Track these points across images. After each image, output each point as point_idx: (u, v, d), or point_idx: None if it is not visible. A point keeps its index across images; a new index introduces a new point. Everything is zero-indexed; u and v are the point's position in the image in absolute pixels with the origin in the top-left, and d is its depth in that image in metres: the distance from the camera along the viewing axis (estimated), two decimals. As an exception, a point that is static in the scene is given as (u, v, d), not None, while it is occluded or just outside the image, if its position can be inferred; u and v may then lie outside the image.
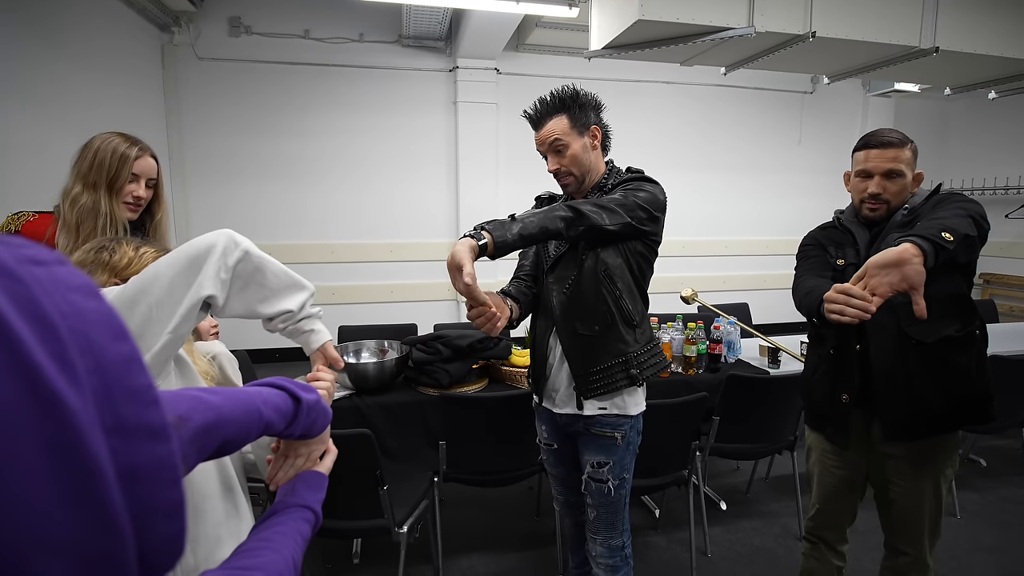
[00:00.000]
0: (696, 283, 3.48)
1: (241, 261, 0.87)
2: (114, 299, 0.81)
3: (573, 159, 1.50)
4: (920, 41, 3.03)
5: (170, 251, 1.04)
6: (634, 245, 1.50)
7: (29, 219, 1.46)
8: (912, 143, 1.45)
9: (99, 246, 0.99)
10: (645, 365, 1.52)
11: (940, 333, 1.37)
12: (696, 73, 4.10)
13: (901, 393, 1.42)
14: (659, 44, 2.91)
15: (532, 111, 1.54)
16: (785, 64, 3.39)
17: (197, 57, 4.46)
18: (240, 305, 0.89)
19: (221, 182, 4.63)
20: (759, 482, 2.91)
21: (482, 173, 4.94)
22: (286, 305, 0.92)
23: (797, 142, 5.78)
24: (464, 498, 2.70)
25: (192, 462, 0.57)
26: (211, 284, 0.84)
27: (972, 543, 2.41)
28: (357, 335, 2.79)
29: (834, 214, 1.64)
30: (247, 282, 0.88)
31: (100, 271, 0.95)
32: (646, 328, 1.56)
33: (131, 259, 0.97)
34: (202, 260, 0.84)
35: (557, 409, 1.58)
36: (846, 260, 1.53)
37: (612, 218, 1.40)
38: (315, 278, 4.86)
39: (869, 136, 1.47)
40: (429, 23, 4.42)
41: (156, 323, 0.81)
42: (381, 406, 2.17)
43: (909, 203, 1.46)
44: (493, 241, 1.27)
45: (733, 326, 2.67)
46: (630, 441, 1.55)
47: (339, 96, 4.76)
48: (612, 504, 1.57)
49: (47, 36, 3.00)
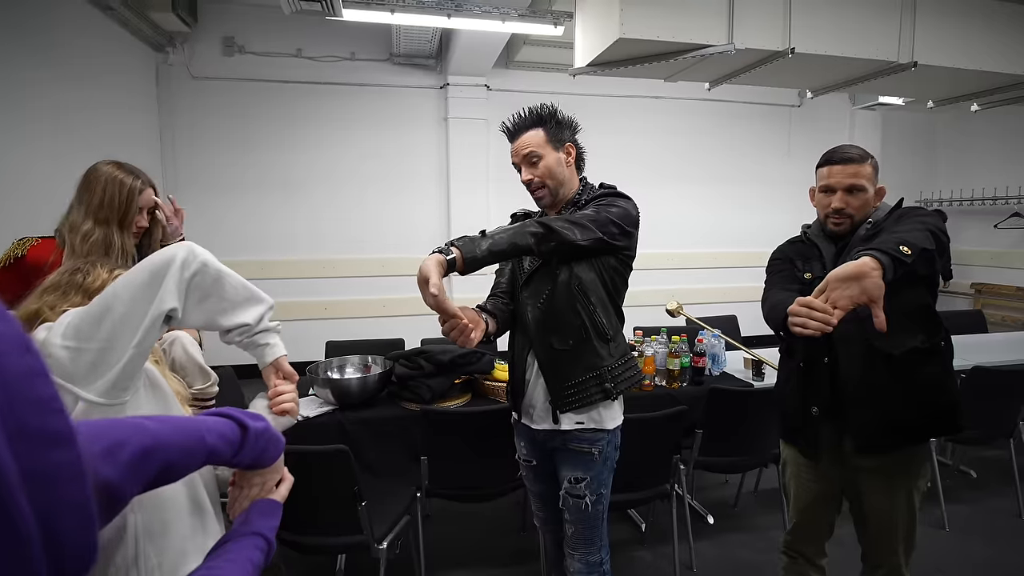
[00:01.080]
0: (685, 296, 3.49)
1: (199, 273, 0.89)
2: (81, 316, 0.83)
3: (547, 171, 1.53)
4: (898, 56, 3.08)
5: None
6: (607, 260, 1.51)
7: (33, 244, 1.50)
8: (872, 159, 1.48)
9: (74, 268, 1.00)
10: (619, 379, 1.53)
11: (907, 345, 1.39)
12: (682, 88, 4.15)
13: (870, 405, 1.43)
14: (642, 61, 2.96)
15: (510, 123, 1.58)
16: (767, 79, 3.45)
17: (191, 76, 4.52)
18: (199, 317, 0.90)
19: (214, 198, 4.67)
20: (747, 495, 2.90)
21: (473, 188, 4.98)
22: (243, 318, 0.94)
23: (786, 155, 5.83)
24: (449, 514, 2.69)
25: (130, 486, 0.58)
26: (172, 298, 0.86)
27: (960, 556, 2.40)
28: (344, 350, 2.80)
29: (801, 228, 1.66)
30: (206, 294, 0.90)
31: (74, 292, 0.97)
32: (621, 342, 1.57)
33: (104, 281, 0.98)
34: (162, 274, 0.86)
35: (535, 425, 1.58)
36: (813, 274, 1.55)
37: (584, 233, 1.41)
38: (307, 293, 4.85)
39: (831, 152, 1.51)
40: (419, 42, 4.49)
41: (121, 338, 0.83)
42: (364, 421, 2.17)
43: (873, 217, 1.48)
44: (462, 256, 1.28)
45: (717, 339, 2.68)
46: (607, 456, 1.55)
47: (331, 113, 4.82)
48: (590, 519, 1.56)
49: (42, 56, 3.05)
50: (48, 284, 0.97)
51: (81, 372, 0.82)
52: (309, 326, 4.55)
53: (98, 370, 0.82)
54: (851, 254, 1.38)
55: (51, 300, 0.94)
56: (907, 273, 1.18)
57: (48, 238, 1.51)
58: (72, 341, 0.82)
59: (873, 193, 1.48)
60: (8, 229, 1.57)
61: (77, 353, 0.82)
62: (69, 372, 0.82)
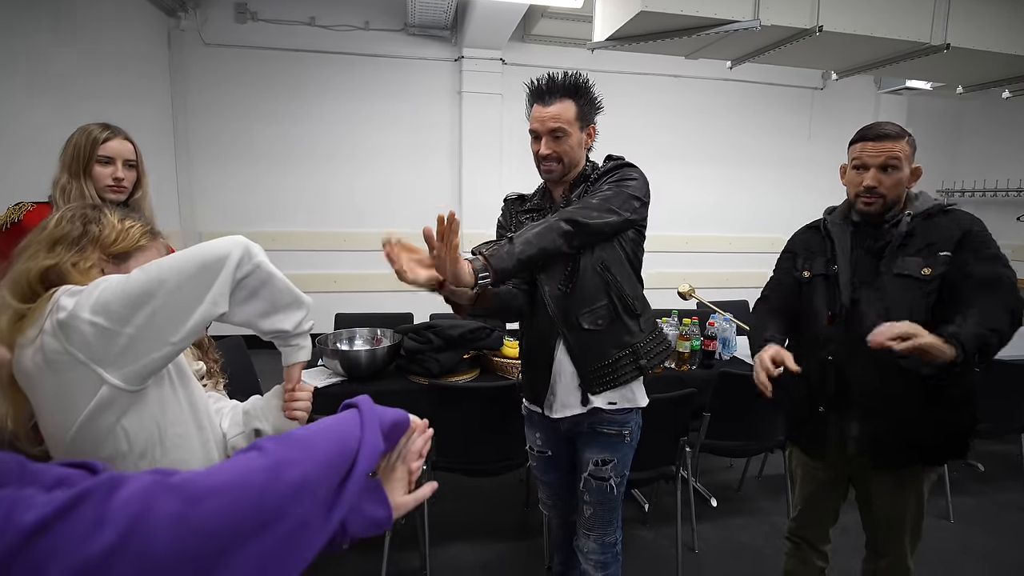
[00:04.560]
0: (697, 279, 3.45)
1: (251, 275, 0.84)
2: (116, 294, 0.78)
3: (568, 150, 1.46)
4: (931, 37, 2.97)
5: (153, 228, 1.02)
6: (625, 234, 1.48)
7: (29, 209, 1.49)
8: (910, 136, 1.41)
9: (84, 217, 0.93)
10: (652, 354, 1.50)
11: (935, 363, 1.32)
12: (702, 66, 4.04)
13: (885, 417, 1.39)
14: (663, 36, 2.88)
15: (542, 84, 1.46)
16: (792, 59, 3.34)
17: (203, 43, 4.47)
18: (239, 317, 0.87)
19: (225, 166, 4.65)
20: (751, 480, 2.91)
21: (486, 163, 4.93)
22: (282, 324, 0.91)
23: (806, 139, 5.70)
24: (454, 488, 2.71)
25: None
26: (224, 301, 0.81)
27: (964, 547, 2.39)
28: (353, 323, 2.80)
29: (823, 214, 1.60)
30: (251, 295, 0.86)
31: (92, 247, 0.91)
32: (649, 315, 1.54)
33: (119, 232, 0.93)
34: (215, 270, 0.81)
35: (559, 414, 1.52)
36: (812, 271, 1.51)
37: (611, 218, 1.38)
38: (316, 265, 4.87)
39: (866, 128, 1.43)
40: (435, 12, 4.39)
41: (159, 329, 0.79)
42: (372, 393, 2.16)
43: (913, 208, 1.42)
44: (495, 272, 1.25)
45: (728, 323, 2.65)
46: (634, 437, 1.54)
47: (344, 84, 4.75)
48: (611, 502, 1.55)
49: (55, 21, 3.01)
50: (57, 235, 0.90)
51: (109, 356, 0.78)
52: (318, 298, 4.53)
53: (127, 357, 0.79)
54: (898, 264, 1.36)
55: (71, 257, 0.88)
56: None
57: (44, 203, 1.51)
58: (102, 319, 0.77)
59: (908, 173, 1.40)
60: (16, 194, 1.56)
61: (107, 335, 0.77)
62: (95, 352, 0.78)
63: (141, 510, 0.44)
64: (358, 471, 0.60)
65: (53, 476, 0.54)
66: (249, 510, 0.50)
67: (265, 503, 0.51)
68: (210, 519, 0.47)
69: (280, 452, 0.55)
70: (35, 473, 0.53)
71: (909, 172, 1.41)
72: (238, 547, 0.48)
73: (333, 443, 0.60)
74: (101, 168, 1.48)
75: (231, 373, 1.41)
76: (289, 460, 0.54)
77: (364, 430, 0.63)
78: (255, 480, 0.51)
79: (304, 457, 0.56)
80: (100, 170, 1.48)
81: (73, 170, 1.46)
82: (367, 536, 0.66)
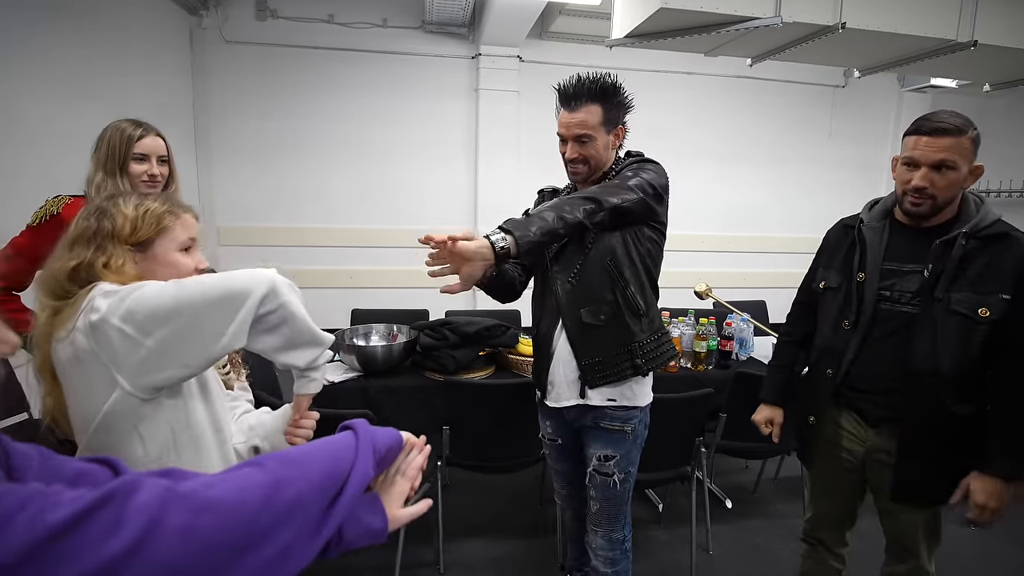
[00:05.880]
0: (714, 279, 3.42)
1: (274, 312, 0.86)
2: (145, 305, 0.80)
3: (594, 153, 1.47)
4: (957, 34, 2.90)
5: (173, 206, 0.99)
6: (642, 230, 1.47)
7: (67, 202, 1.53)
8: (974, 130, 1.27)
9: (97, 213, 0.93)
10: (651, 355, 1.50)
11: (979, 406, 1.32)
12: (719, 64, 4.01)
13: (921, 458, 1.35)
14: (682, 33, 2.85)
15: (569, 87, 1.45)
16: (814, 56, 3.29)
17: (224, 40, 4.52)
18: (256, 346, 0.88)
19: (243, 163, 4.71)
20: (767, 482, 2.88)
21: (502, 161, 4.93)
22: (295, 361, 0.92)
23: (826, 137, 5.61)
24: (468, 484, 2.73)
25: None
26: (242, 338, 0.83)
27: (985, 553, 2.35)
28: (369, 318, 2.82)
29: (864, 208, 1.50)
30: (270, 330, 0.87)
31: (110, 243, 0.91)
32: (654, 317, 1.54)
33: (133, 221, 0.93)
34: (238, 303, 0.82)
35: (559, 403, 1.55)
36: (827, 283, 1.47)
37: (627, 195, 1.38)
38: (333, 261, 4.89)
39: (922, 120, 1.29)
40: (452, 9, 4.40)
41: (176, 349, 0.81)
42: (388, 389, 2.20)
43: (968, 219, 1.29)
44: (516, 242, 1.22)
45: (746, 323, 2.63)
46: (638, 435, 1.54)
47: (361, 81, 4.78)
48: (616, 497, 1.56)
49: (80, 19, 3.07)
50: (74, 234, 0.91)
51: (129, 364, 0.80)
52: (334, 294, 4.60)
53: (143, 368, 0.81)
54: (954, 298, 1.26)
55: (92, 255, 0.89)
56: None
57: (79, 196, 1.54)
58: (130, 327, 0.79)
59: (966, 172, 1.26)
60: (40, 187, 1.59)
61: (131, 343, 0.80)
62: (117, 357, 0.80)
63: (155, 517, 0.45)
64: (346, 496, 0.62)
65: (73, 469, 0.56)
66: (246, 526, 0.51)
67: (260, 520, 0.52)
68: (212, 533, 0.48)
69: (279, 471, 0.56)
70: (56, 465, 0.55)
71: (967, 171, 1.27)
72: (233, 562, 0.49)
73: (327, 466, 0.61)
74: (136, 165, 1.51)
75: (252, 365, 1.43)
76: (286, 479, 0.56)
77: (357, 456, 0.65)
78: (254, 497, 0.52)
79: (300, 477, 0.57)
80: (135, 167, 1.50)
81: (109, 168, 1.48)
82: (363, 545, 0.67)
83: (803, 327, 1.61)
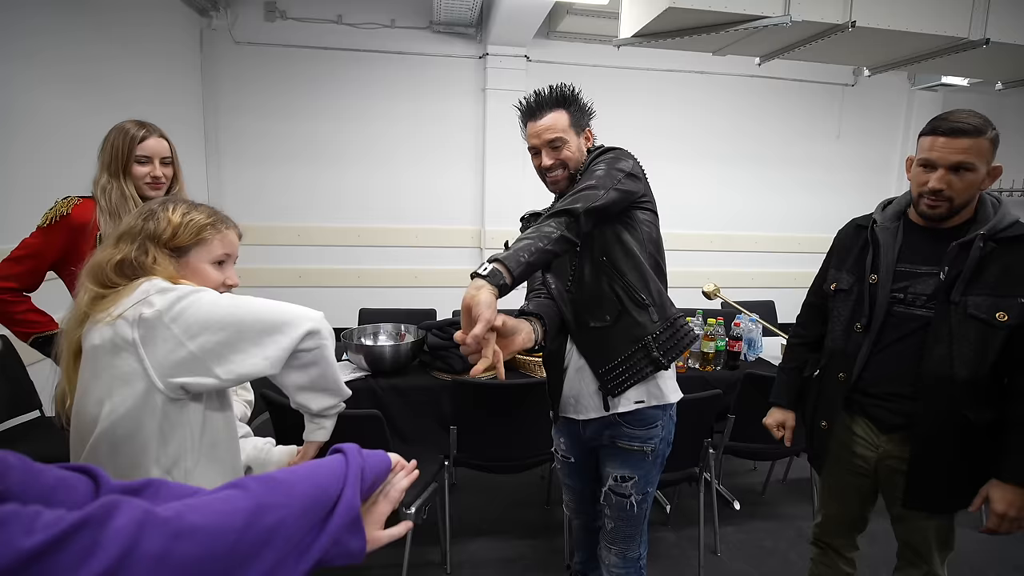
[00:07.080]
0: (722, 279, 3.41)
1: (310, 351, 0.91)
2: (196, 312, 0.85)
3: (570, 155, 1.43)
4: (969, 32, 2.87)
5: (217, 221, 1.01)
6: (632, 215, 1.39)
7: (76, 203, 1.54)
8: (993, 130, 1.22)
9: (145, 214, 0.98)
10: (667, 345, 1.40)
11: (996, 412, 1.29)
12: (729, 63, 3.98)
13: (933, 467, 1.33)
14: (690, 33, 2.84)
15: (529, 101, 1.44)
16: (823, 55, 3.27)
17: (234, 41, 4.55)
18: (281, 378, 0.94)
19: (252, 163, 4.74)
20: (775, 484, 2.86)
21: (509, 160, 4.93)
22: (311, 403, 0.98)
23: (836, 137, 5.57)
24: (475, 484, 2.73)
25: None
26: (277, 365, 0.88)
27: (997, 557, 2.32)
28: (377, 318, 2.83)
29: (876, 208, 1.47)
30: (300, 367, 0.93)
31: (150, 243, 0.95)
32: (664, 305, 1.43)
33: (176, 227, 0.96)
34: (280, 333, 0.88)
35: (581, 416, 1.47)
36: (838, 285, 1.44)
37: (596, 192, 1.26)
38: (341, 260, 4.91)
39: (939, 120, 1.25)
40: (460, 9, 4.41)
41: (212, 358, 0.85)
42: (395, 389, 2.20)
43: (989, 225, 1.25)
44: (511, 276, 1.10)
45: (755, 324, 2.61)
46: (659, 453, 1.47)
47: (369, 81, 4.80)
48: (632, 518, 1.49)
49: (90, 19, 3.09)
50: (123, 229, 0.96)
51: (166, 361, 0.84)
52: (342, 293, 4.62)
53: (179, 370, 0.85)
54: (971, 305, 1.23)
55: (135, 252, 0.93)
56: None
57: (88, 197, 1.55)
58: (177, 327, 0.84)
59: (985, 173, 1.23)
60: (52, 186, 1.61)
61: (174, 342, 0.84)
62: (157, 352, 0.84)
63: (131, 543, 0.45)
64: (332, 526, 0.61)
65: (53, 477, 0.55)
66: (225, 552, 0.50)
67: (241, 545, 0.52)
68: (189, 560, 0.48)
69: (262, 495, 0.56)
70: (37, 474, 0.54)
71: (986, 173, 1.23)
72: None
73: (312, 493, 0.61)
74: (139, 167, 1.52)
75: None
76: (269, 505, 0.55)
77: (346, 485, 0.65)
78: (234, 523, 0.52)
79: (284, 503, 0.57)
80: (138, 169, 1.51)
81: (112, 170, 1.50)
82: (340, 565, 0.67)
83: (814, 329, 1.60)
